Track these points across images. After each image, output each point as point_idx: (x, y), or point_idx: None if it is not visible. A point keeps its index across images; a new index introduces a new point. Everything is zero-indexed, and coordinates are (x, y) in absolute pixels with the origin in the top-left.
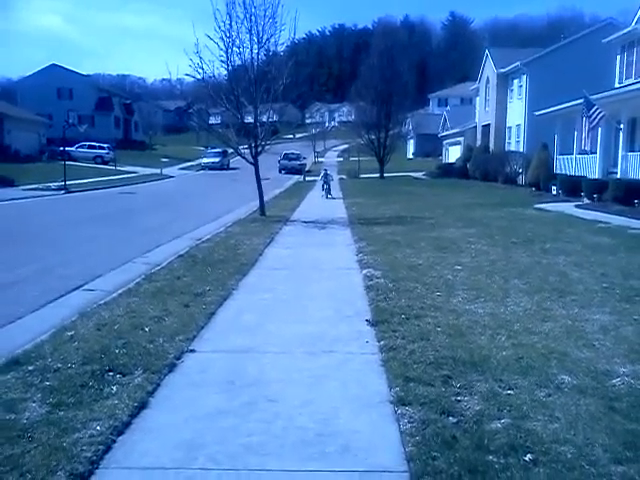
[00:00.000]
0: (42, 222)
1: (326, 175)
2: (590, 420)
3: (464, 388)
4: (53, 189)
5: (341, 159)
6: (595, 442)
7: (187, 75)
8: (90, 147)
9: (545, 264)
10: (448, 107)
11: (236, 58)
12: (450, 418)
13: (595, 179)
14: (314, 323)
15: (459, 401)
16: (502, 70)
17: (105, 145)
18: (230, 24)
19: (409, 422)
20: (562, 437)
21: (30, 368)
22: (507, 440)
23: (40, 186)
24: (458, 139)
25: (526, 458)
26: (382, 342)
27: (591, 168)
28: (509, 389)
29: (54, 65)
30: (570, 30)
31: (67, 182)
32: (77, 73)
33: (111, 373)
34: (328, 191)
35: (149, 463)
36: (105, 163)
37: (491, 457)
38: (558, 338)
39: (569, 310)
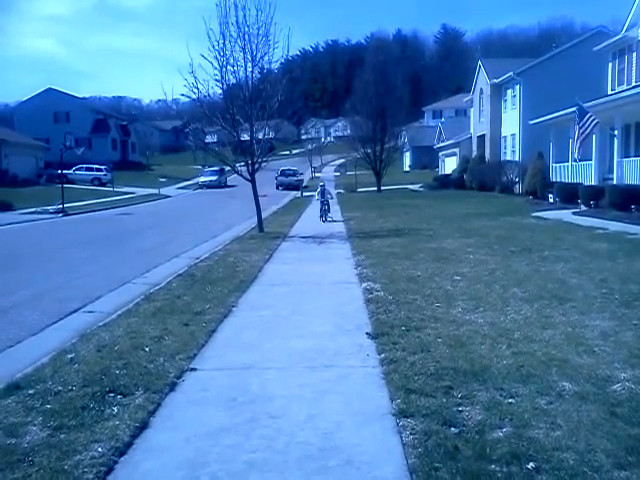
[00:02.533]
0: (40, 245)
1: (323, 192)
2: (592, 426)
3: (465, 398)
4: (51, 212)
5: (338, 174)
6: (597, 448)
7: (182, 95)
8: (88, 169)
9: (544, 272)
10: (443, 119)
11: (230, 77)
12: (452, 429)
13: (591, 186)
14: (315, 338)
15: (461, 411)
16: (495, 80)
17: (102, 167)
18: (224, 43)
19: (411, 434)
20: (564, 444)
21: (30, 392)
22: (509, 449)
23: (38, 209)
24: (454, 150)
25: (529, 466)
26: (383, 355)
27: (587, 175)
28: (510, 398)
29: (50, 89)
30: (561, 39)
31: (65, 205)
32: (73, 96)
33: (112, 394)
34: (327, 212)
35: None
36: (103, 185)
37: (493, 466)
38: (558, 345)
39: (569, 317)
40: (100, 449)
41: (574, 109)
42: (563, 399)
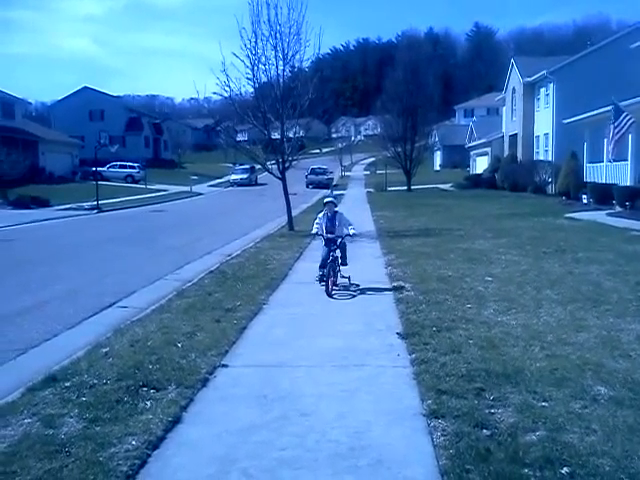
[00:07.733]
0: (76, 241)
1: (333, 218)
2: (628, 432)
3: (497, 400)
4: (86, 209)
5: (368, 172)
6: (634, 454)
7: (214, 93)
8: (121, 167)
9: (577, 274)
10: (474, 118)
11: (262, 75)
12: (484, 431)
13: (627, 186)
14: (345, 337)
15: (493, 413)
16: (528, 79)
17: (136, 164)
18: (255, 42)
19: (442, 435)
20: (599, 449)
21: (67, 384)
22: (543, 453)
23: (73, 206)
24: (485, 149)
25: (563, 471)
26: (413, 355)
27: (622, 175)
28: (544, 401)
29: (86, 88)
30: (597, 37)
31: (99, 201)
32: (108, 95)
33: (145, 388)
34: (335, 270)
35: (183, 478)
36: (136, 182)
37: (526, 470)
38: (593, 349)
39: (603, 320)
40: (134, 442)
41: (609, 108)
42: (598, 404)
